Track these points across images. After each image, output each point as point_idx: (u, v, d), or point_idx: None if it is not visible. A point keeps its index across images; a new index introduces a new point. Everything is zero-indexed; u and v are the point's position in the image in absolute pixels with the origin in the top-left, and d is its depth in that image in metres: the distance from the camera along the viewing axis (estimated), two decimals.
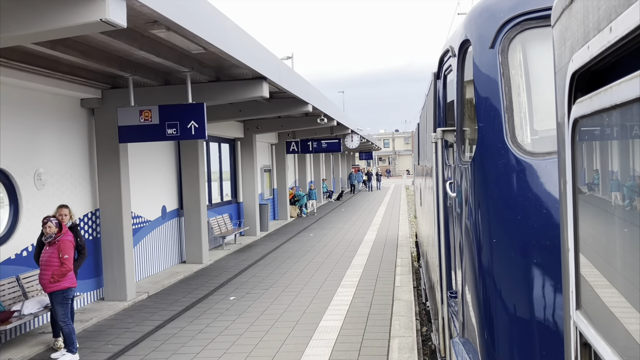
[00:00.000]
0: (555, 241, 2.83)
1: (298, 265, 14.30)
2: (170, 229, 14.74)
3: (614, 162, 1.44)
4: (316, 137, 26.91)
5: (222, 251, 16.95)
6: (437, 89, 5.22)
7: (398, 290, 11.06)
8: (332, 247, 17.03)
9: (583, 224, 1.63)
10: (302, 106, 14.69)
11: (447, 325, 4.48)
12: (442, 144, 4.41)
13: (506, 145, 3.15)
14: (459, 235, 3.89)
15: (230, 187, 20.31)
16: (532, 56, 3.28)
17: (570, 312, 1.72)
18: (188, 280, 13.05)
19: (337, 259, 14.82)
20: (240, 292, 11.57)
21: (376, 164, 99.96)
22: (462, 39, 3.71)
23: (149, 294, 11.69)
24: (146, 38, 8.07)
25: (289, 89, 12.30)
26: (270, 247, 17.78)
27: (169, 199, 14.73)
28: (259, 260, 15.40)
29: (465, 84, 3.78)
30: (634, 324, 1.22)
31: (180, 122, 9.57)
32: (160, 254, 14.05)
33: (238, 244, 18.44)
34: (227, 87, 10.72)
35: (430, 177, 6.40)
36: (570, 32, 1.62)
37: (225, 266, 14.69)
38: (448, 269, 4.51)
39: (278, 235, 20.73)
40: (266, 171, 24.76)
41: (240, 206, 20.55)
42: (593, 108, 1.41)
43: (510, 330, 3.10)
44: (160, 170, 14.36)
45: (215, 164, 18.84)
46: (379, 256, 15.11)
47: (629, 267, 1.27)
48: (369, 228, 21.61)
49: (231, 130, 19.09)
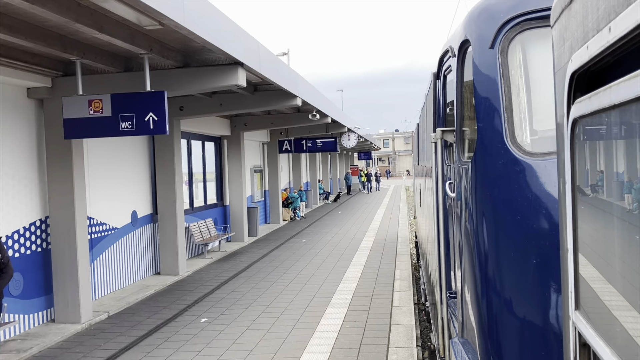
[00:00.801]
0: (554, 241, 2.86)
1: (285, 277, 12.74)
2: (142, 237, 13.17)
3: (613, 162, 1.44)
4: (311, 135, 25.34)
5: (204, 260, 15.39)
6: (437, 89, 5.16)
7: (397, 311, 9.50)
8: (325, 256, 15.47)
9: (582, 224, 1.64)
10: (289, 99, 13.13)
11: (446, 325, 4.47)
12: (441, 144, 4.39)
13: (506, 145, 3.14)
14: (458, 236, 3.88)
15: (216, 189, 18.74)
16: (532, 56, 3.27)
17: (569, 312, 1.74)
18: (158, 296, 11.50)
19: (329, 271, 13.26)
20: (215, 311, 10.01)
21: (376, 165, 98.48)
22: (462, 39, 3.69)
23: (109, 314, 10.12)
24: (83, 8, 6.51)
25: (273, 79, 10.74)
26: (257, 255, 16.22)
27: (140, 203, 13.17)
28: (243, 271, 13.84)
29: (465, 84, 3.75)
30: (633, 324, 1.23)
31: (136, 114, 8.01)
32: (129, 266, 12.49)
33: (222, 251, 16.88)
34: (197, 74, 9.16)
35: (429, 177, 6.33)
36: (569, 32, 1.64)
37: (204, 278, 13.13)
38: (447, 270, 4.51)
39: (268, 241, 19.17)
40: (257, 172, 23.21)
41: (227, 210, 18.98)
42: (592, 108, 1.42)
43: (509, 330, 3.08)
44: (130, 171, 12.80)
45: (198, 164, 17.28)
46: (376, 267, 13.55)
47: (628, 267, 1.27)
48: (366, 233, 20.05)
49: (216, 127, 17.53)
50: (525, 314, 3.02)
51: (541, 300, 2.95)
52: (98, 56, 8.53)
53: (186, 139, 16.09)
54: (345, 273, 12.91)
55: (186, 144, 16.16)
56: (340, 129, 24.94)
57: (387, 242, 17.77)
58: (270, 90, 13.24)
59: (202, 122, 16.30)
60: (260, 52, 9.87)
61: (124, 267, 12.23)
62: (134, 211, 12.79)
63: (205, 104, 13.27)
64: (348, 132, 27.23)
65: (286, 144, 24.66)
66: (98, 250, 11.23)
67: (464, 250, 3.61)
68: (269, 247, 17.57)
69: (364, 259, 14.78)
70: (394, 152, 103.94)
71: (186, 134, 15.95)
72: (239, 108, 13.34)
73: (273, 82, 10.92)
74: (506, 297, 3.09)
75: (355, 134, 27.93)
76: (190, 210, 16.16)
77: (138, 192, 13.08)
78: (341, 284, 11.80)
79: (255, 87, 13.31)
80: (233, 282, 12.52)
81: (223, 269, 14.20)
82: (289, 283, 12.11)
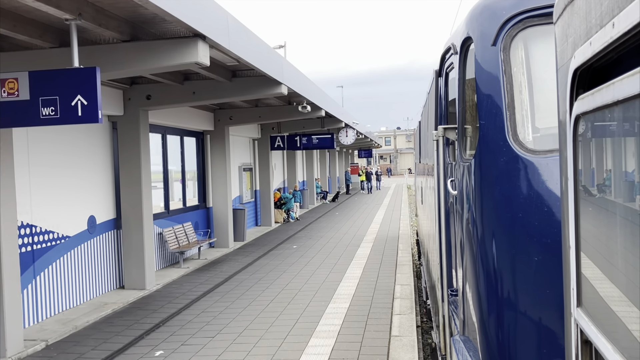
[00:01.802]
0: (556, 239, 2.82)
1: (267, 294, 10.95)
2: (102, 246, 11.39)
3: (616, 159, 1.43)
4: (305, 131, 23.52)
5: (179, 270, 13.60)
6: (439, 87, 5.13)
7: (396, 344, 7.70)
8: (316, 266, 13.68)
9: (585, 222, 1.63)
10: (273, 87, 11.33)
11: (447, 323, 4.38)
12: (443, 141, 4.38)
13: (508, 142, 3.12)
14: (459, 233, 3.83)
15: (197, 190, 16.95)
16: (534, 54, 3.25)
17: (571, 309, 1.73)
18: (115, 318, 9.72)
19: (319, 286, 11.46)
20: (175, 341, 8.22)
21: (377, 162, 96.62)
22: (464, 37, 3.66)
23: (47, 343, 8.35)
24: None
25: (248, 59, 8.93)
26: (240, 264, 14.43)
27: (100, 207, 11.39)
28: (221, 284, 12.06)
29: (467, 82, 3.70)
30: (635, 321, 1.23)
31: (60, 98, 6.21)
32: (84, 281, 10.71)
33: (202, 259, 15.09)
34: (147, 50, 7.36)
35: (431, 175, 6.29)
36: (572, 29, 1.64)
37: (173, 293, 11.35)
38: (449, 267, 4.45)
39: (256, 246, 17.38)
40: (246, 170, 21.41)
41: (210, 212, 17.19)
42: (595, 104, 1.41)
43: (510, 328, 3.05)
44: (88, 169, 11.02)
45: (175, 162, 15.49)
46: (373, 280, 11.75)
47: (630, 264, 1.27)
48: (363, 238, 18.25)
49: (197, 121, 15.74)
50: (526, 311, 3.00)
51: (542, 298, 2.93)
52: (18, 25, 6.74)
53: (161, 133, 14.31)
54: (337, 289, 11.11)
55: (161, 139, 14.38)
56: (337, 125, 23.12)
57: (386, 248, 15.97)
58: (251, 76, 11.44)
59: (180, 115, 14.51)
60: (230, 25, 8.06)
61: (77, 283, 10.45)
62: (91, 216, 11.01)
63: (175, 92, 11.49)
64: (346, 128, 25.40)
65: (279, 141, 22.86)
66: (42, 263, 9.44)
67: (465, 248, 3.60)
68: (256, 255, 15.78)
69: (360, 269, 12.98)
70: (396, 150, 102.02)
71: (161, 127, 14.17)
72: (215, 97, 11.55)
73: (248, 63, 9.10)
74: (507, 295, 3.07)
75: (354, 130, 26.11)
76: (165, 214, 14.38)
77: (97, 194, 11.30)
78: (331, 303, 10.00)
79: (233, 73, 11.52)
80: (206, 299, 10.74)
81: (199, 282, 12.42)
82: (271, 301, 10.32)
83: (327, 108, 18.03)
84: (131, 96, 11.52)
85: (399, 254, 15.08)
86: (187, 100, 11.52)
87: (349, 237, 18.63)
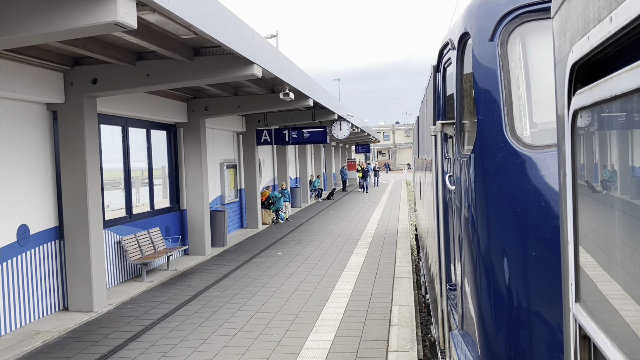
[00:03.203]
0: (554, 234, 2.85)
1: (235, 319, 9.02)
2: (38, 261, 9.45)
3: (614, 153, 1.46)
4: (295, 124, 21.58)
5: (140, 285, 11.67)
6: (437, 82, 5.11)
7: None
8: (301, 279, 11.75)
9: (583, 217, 1.64)
10: (243, 67, 9.36)
11: (446, 317, 4.41)
12: (441, 136, 4.41)
13: (505, 138, 3.13)
14: (458, 228, 3.84)
15: (169, 190, 15.00)
16: (531, 49, 3.25)
17: (569, 304, 1.75)
18: (41, 354, 7.79)
19: (300, 307, 9.53)
20: None
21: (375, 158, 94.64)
22: (462, 32, 3.67)
23: None
24: None
25: (201, 27, 6.97)
26: (214, 275, 12.50)
27: (35, 214, 9.44)
28: (185, 304, 10.13)
29: (465, 77, 3.73)
30: (634, 316, 1.24)
31: None
32: (11, 304, 8.78)
33: (172, 270, 13.16)
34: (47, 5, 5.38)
35: (429, 170, 6.22)
36: (570, 23, 1.66)
37: (126, 317, 9.42)
38: (447, 262, 4.45)
39: (236, 253, 15.43)
40: (229, 167, 19.45)
41: (184, 215, 15.25)
42: (593, 99, 1.43)
43: (509, 322, 3.04)
44: (18, 169, 9.08)
45: (141, 159, 13.54)
46: (366, 300, 9.83)
47: (629, 259, 1.29)
48: (357, 243, 16.31)
49: (168, 112, 13.79)
50: (524, 306, 2.98)
51: (541, 293, 2.91)
52: None
53: (121, 125, 12.36)
54: (322, 311, 9.17)
55: (121, 132, 12.42)
56: (329, 117, 21.13)
57: (382, 255, 14.03)
58: (216, 54, 9.48)
59: (146, 104, 12.56)
60: None
61: (1, 307, 8.51)
62: (22, 225, 9.06)
63: (126, 75, 9.53)
64: (339, 121, 23.42)
65: (265, 135, 20.87)
66: None
67: (464, 243, 3.59)
68: (234, 264, 13.84)
69: (351, 284, 11.05)
70: (395, 145, 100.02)
71: (121, 118, 12.22)
72: (173, 80, 9.58)
73: (203, 33, 7.13)
74: (506, 290, 3.04)
75: (348, 123, 24.13)
76: (126, 219, 12.44)
77: (31, 198, 9.35)
78: (312, 334, 8.06)
79: (196, 51, 9.55)
80: (163, 326, 8.81)
81: (161, 300, 10.49)
82: (239, 330, 8.39)
83: (316, 97, 16.06)
84: (73, 80, 9.57)
85: (397, 262, 13.15)
86: (140, 84, 9.56)
87: (342, 241, 16.70)
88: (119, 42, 8.70)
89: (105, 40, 8.53)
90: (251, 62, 9.30)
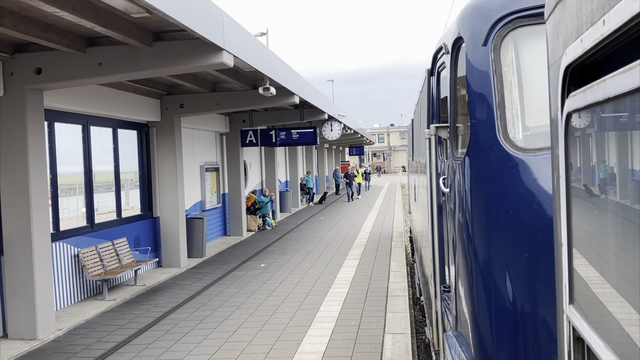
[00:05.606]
0: (546, 236, 2.86)
1: (200, 351, 7.66)
2: None
3: (608, 155, 1.45)
4: (283, 124, 20.25)
5: (101, 304, 10.28)
6: (431, 86, 5.18)
7: None
8: (282, 297, 10.40)
9: (576, 219, 1.63)
10: (211, 55, 8.01)
11: (440, 319, 4.44)
12: (435, 140, 4.44)
13: (498, 141, 3.14)
14: (452, 230, 3.89)
15: (140, 196, 13.62)
16: (524, 53, 3.28)
17: (563, 306, 1.74)
18: None
19: (277, 336, 8.16)
20: None
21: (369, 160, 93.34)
22: (455, 37, 3.72)
23: None
24: None
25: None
26: (187, 292, 11.14)
27: None
28: (147, 328, 8.77)
29: (459, 81, 3.77)
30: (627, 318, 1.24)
31: None
32: None
33: (140, 285, 11.78)
34: None
35: (424, 172, 6.27)
36: (563, 26, 1.65)
37: (74, 347, 8.05)
38: (441, 264, 4.47)
39: (215, 265, 14.07)
40: (211, 170, 18.08)
41: (157, 223, 13.87)
42: (586, 101, 1.43)
43: (502, 324, 3.05)
44: None
45: (106, 161, 12.17)
46: (355, 326, 8.48)
47: (622, 261, 1.28)
48: (348, 253, 14.96)
49: (138, 109, 12.43)
50: (518, 307, 2.97)
51: (534, 295, 2.90)
52: None
53: (81, 124, 11.00)
54: (302, 342, 7.81)
55: (81, 132, 11.06)
56: (319, 116, 19.80)
57: (375, 269, 12.70)
58: (179, 39, 8.13)
59: (112, 101, 11.22)
60: None
61: None
62: None
63: (75, 64, 8.18)
64: (330, 121, 22.08)
65: (251, 135, 19.51)
66: None
67: (458, 245, 3.59)
68: (210, 278, 12.48)
69: (339, 305, 9.70)
70: (389, 147, 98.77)
71: (81, 116, 10.87)
72: (129, 68, 8.21)
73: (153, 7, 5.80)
74: (499, 291, 3.04)
75: (340, 124, 22.80)
76: (87, 229, 11.07)
77: None
78: None
79: (156, 36, 8.20)
80: (116, 357, 7.45)
81: (120, 324, 9.12)
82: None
83: (303, 94, 14.71)
84: (14, 70, 8.22)
85: (391, 277, 11.82)
86: (92, 74, 8.20)
87: (332, 251, 15.36)
88: (62, 23, 7.34)
89: (44, 21, 7.18)
90: (220, 49, 7.95)
